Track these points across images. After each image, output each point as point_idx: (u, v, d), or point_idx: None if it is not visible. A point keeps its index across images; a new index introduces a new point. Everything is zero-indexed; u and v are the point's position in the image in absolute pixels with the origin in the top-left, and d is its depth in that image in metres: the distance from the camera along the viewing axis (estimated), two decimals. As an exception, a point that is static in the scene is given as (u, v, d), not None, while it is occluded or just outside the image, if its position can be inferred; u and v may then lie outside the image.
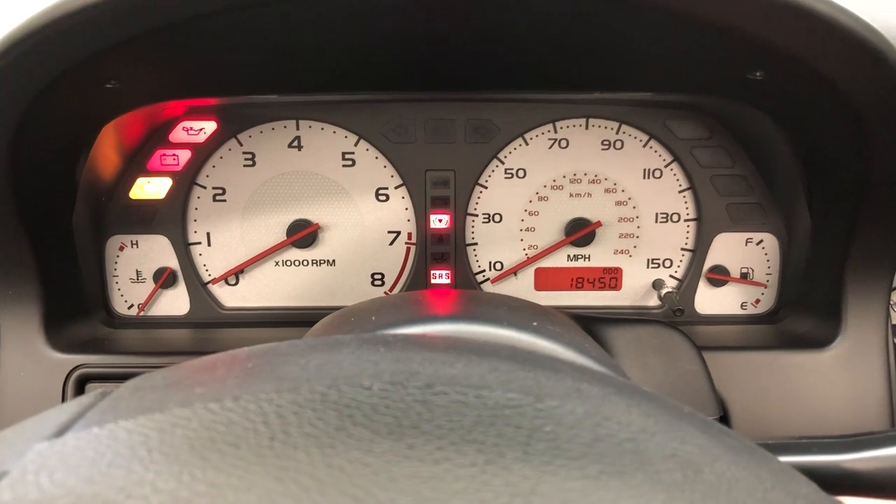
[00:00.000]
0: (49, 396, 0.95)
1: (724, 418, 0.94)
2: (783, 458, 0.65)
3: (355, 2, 0.66)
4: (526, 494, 0.28)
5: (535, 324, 0.63)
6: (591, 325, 0.84)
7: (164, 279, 1.11)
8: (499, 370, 0.39)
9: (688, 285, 1.13)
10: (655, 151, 1.09)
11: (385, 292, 1.14)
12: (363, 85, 1.03)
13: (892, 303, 0.99)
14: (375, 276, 1.14)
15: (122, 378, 0.97)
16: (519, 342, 0.60)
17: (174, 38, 0.70)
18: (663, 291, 1.10)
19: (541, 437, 0.33)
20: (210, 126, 1.07)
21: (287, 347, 0.45)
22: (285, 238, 1.11)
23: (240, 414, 0.34)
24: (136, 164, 1.07)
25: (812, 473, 0.64)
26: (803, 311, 1.05)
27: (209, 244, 1.11)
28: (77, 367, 0.96)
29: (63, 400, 0.96)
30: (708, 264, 1.12)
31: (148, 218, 1.09)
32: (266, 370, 0.40)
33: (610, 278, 1.14)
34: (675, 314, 1.06)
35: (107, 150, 1.01)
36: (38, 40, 0.64)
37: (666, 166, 1.10)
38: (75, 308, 1.04)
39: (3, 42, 0.64)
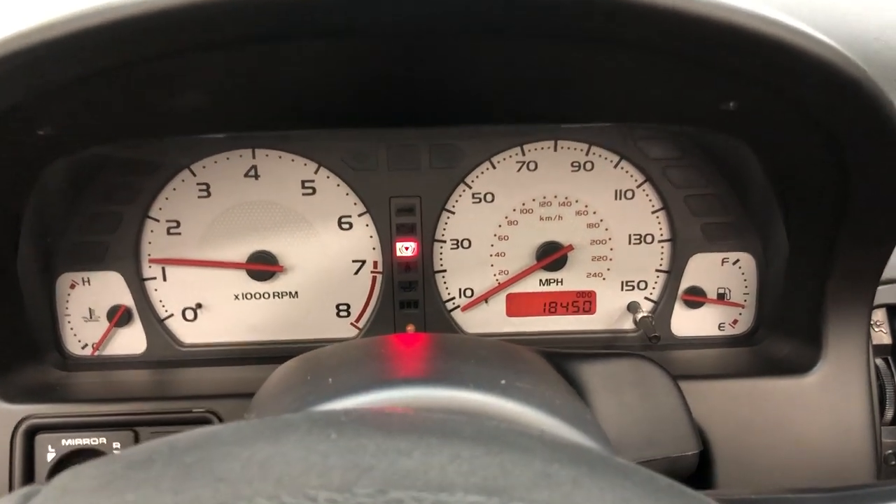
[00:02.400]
0: (-3, 451, 0.90)
1: (705, 452, 0.91)
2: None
3: (302, 45, 0.62)
4: None
5: (503, 382, 0.59)
6: (563, 362, 0.80)
7: (119, 317, 1.05)
8: (461, 458, 0.36)
9: (663, 307, 1.10)
10: (627, 172, 1.06)
11: (351, 323, 1.10)
12: (319, 122, 0.98)
13: (872, 322, 0.96)
14: (341, 307, 1.09)
15: (75, 428, 0.92)
16: (486, 408, 0.56)
17: (108, 84, 0.65)
18: (639, 316, 1.07)
19: None
20: (161, 157, 1.02)
21: (231, 434, 0.41)
22: (245, 271, 1.06)
23: None
24: (84, 199, 1.02)
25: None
26: (783, 333, 1.02)
27: (165, 279, 1.06)
28: (26, 417, 0.91)
29: (11, 453, 0.91)
30: (684, 285, 1.09)
31: (99, 254, 1.04)
32: (205, 468, 0.36)
33: (584, 302, 1.10)
34: (651, 341, 1.03)
35: (53, 190, 0.95)
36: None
37: (638, 187, 1.06)
38: (24, 352, 0.99)
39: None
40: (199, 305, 1.07)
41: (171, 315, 1.08)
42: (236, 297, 1.08)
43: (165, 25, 0.58)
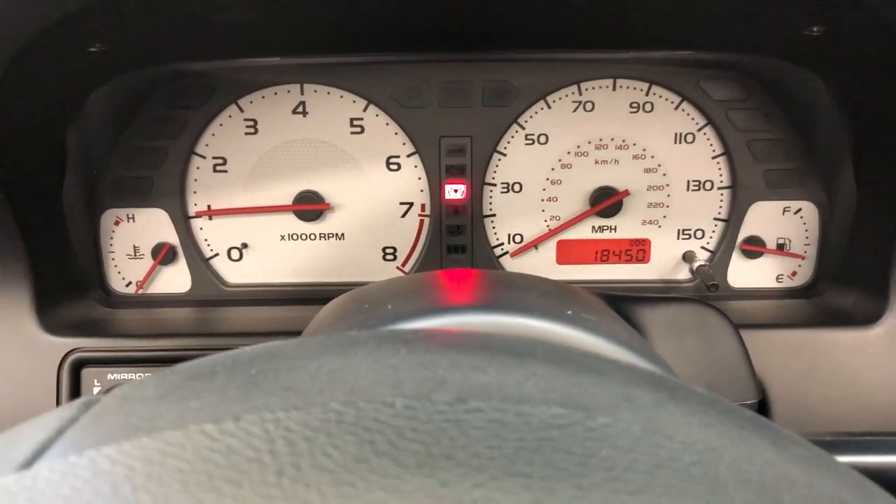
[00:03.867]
0: (43, 382, 0.90)
1: (764, 402, 0.88)
2: (848, 458, 0.59)
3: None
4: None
5: (569, 312, 0.57)
6: (621, 305, 0.78)
7: (164, 255, 1.04)
8: (537, 375, 0.34)
9: (720, 257, 1.06)
10: (688, 114, 1.02)
11: (397, 267, 1.08)
12: (370, 45, 0.96)
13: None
14: (387, 251, 1.07)
15: (120, 362, 0.92)
16: (554, 336, 0.53)
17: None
18: (695, 265, 1.04)
19: (596, 466, 0.28)
20: (209, 91, 1.00)
21: (295, 348, 0.39)
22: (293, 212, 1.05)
23: (241, 440, 0.29)
24: (129, 131, 1.00)
25: (879, 475, 0.59)
26: (845, 285, 0.99)
27: (210, 217, 1.05)
28: (72, 350, 0.91)
29: (58, 386, 0.90)
30: (742, 235, 1.05)
31: (144, 190, 1.02)
32: (271, 378, 0.34)
33: (637, 250, 1.07)
34: (710, 289, 0.99)
35: (98, 119, 0.94)
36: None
37: (699, 130, 1.02)
38: (69, 287, 0.98)
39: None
40: (244, 245, 1.06)
41: (217, 255, 1.06)
42: (282, 237, 1.06)
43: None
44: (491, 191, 1.05)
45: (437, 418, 0.29)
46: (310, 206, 1.03)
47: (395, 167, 1.04)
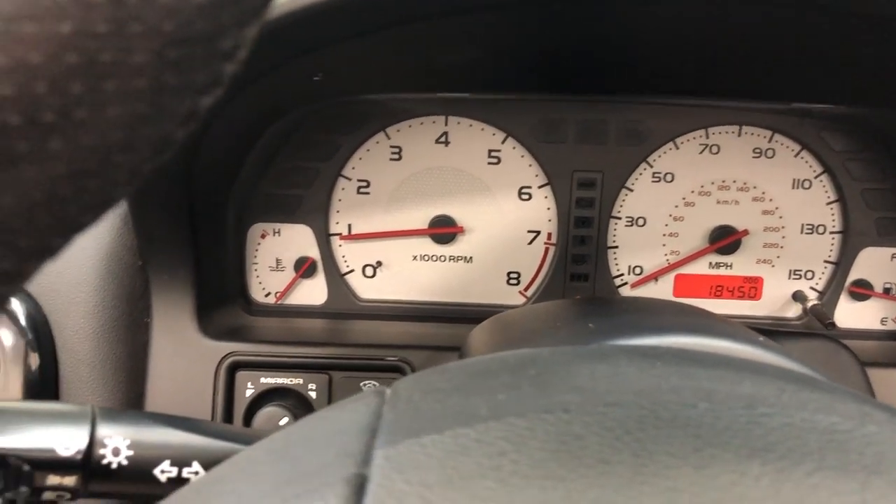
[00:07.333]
0: (201, 384, 0.96)
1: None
2: None
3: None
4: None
5: (760, 339, 0.63)
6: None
7: (306, 269, 1.11)
8: (786, 391, 0.38)
9: (828, 298, 1.11)
10: (807, 162, 1.08)
11: (520, 291, 1.14)
12: (517, 85, 1.03)
13: None
14: (511, 275, 1.13)
15: (267, 367, 0.97)
16: (762, 359, 0.59)
17: (376, 40, 0.70)
18: (809, 304, 1.09)
19: (888, 464, 0.32)
20: (361, 118, 1.07)
21: (552, 355, 0.43)
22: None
23: (583, 426, 0.33)
24: (285, 154, 1.07)
25: None
26: (951, 331, 1.04)
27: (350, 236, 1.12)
28: (228, 354, 0.97)
29: (214, 387, 0.96)
30: (851, 278, 1.11)
31: (293, 207, 1.09)
32: (555, 380, 0.38)
33: (750, 287, 1.12)
34: (827, 328, 1.05)
35: (264, 140, 1.01)
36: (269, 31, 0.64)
37: (816, 177, 1.08)
38: (221, 295, 1.05)
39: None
40: (378, 263, 1.12)
41: (352, 271, 1.13)
42: (414, 257, 1.12)
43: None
44: (615, 224, 1.11)
45: (742, 419, 0.33)
46: (445, 230, 1.10)
47: (526, 197, 1.10)
